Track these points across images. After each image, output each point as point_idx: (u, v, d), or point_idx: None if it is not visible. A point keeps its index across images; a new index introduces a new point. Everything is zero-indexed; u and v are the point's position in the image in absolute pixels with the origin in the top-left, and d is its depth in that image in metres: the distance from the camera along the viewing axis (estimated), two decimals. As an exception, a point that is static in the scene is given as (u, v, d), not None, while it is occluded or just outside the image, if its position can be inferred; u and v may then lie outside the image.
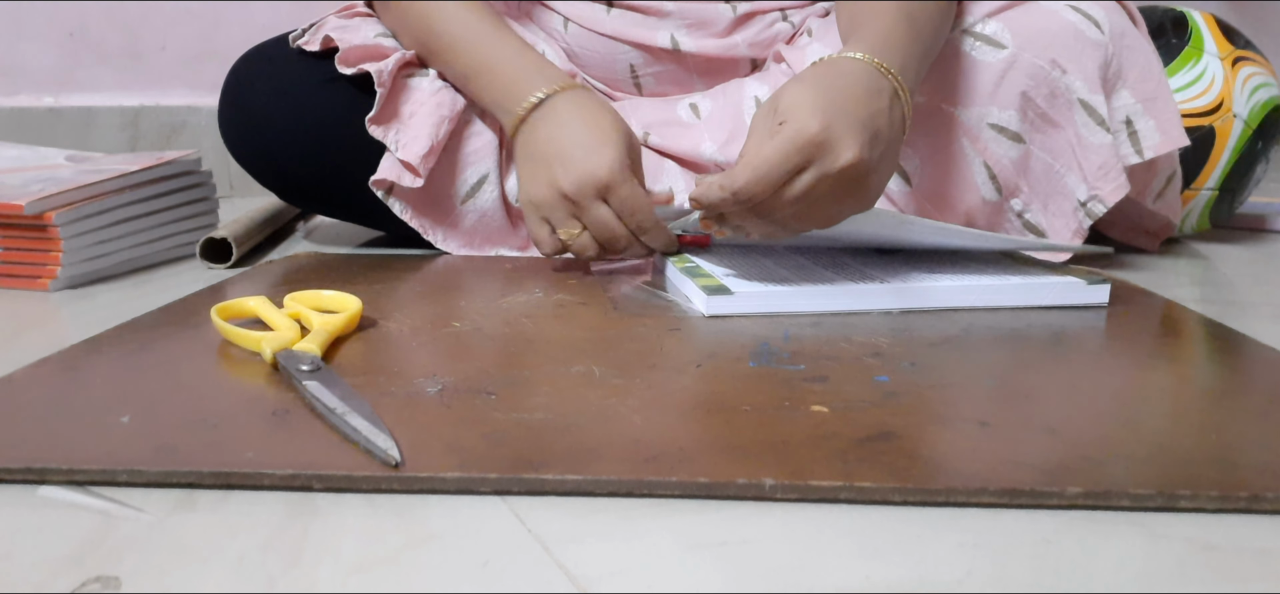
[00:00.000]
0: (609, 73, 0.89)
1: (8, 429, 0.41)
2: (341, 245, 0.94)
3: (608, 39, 0.87)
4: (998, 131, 0.78)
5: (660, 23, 0.86)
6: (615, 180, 0.70)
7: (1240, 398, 0.47)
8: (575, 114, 0.73)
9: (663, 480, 0.36)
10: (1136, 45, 0.80)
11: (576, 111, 0.73)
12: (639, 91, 0.90)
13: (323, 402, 0.42)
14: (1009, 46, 0.77)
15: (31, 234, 0.75)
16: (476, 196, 0.83)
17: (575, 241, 0.72)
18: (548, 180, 0.72)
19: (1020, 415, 0.43)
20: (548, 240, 0.74)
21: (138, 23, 1.43)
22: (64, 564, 0.32)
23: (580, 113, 0.73)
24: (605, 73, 0.89)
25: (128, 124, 1.43)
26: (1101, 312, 0.64)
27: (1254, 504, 0.35)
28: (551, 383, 0.47)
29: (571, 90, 0.75)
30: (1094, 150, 0.78)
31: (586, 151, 0.70)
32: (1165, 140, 0.79)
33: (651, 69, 0.88)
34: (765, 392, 0.46)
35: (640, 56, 0.87)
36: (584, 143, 0.71)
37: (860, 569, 0.32)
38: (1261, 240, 1.04)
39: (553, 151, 0.72)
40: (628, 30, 0.86)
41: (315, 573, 0.31)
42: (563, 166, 0.71)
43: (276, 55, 0.86)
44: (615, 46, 0.87)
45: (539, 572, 0.31)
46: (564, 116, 0.73)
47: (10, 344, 0.59)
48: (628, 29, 0.86)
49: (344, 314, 0.56)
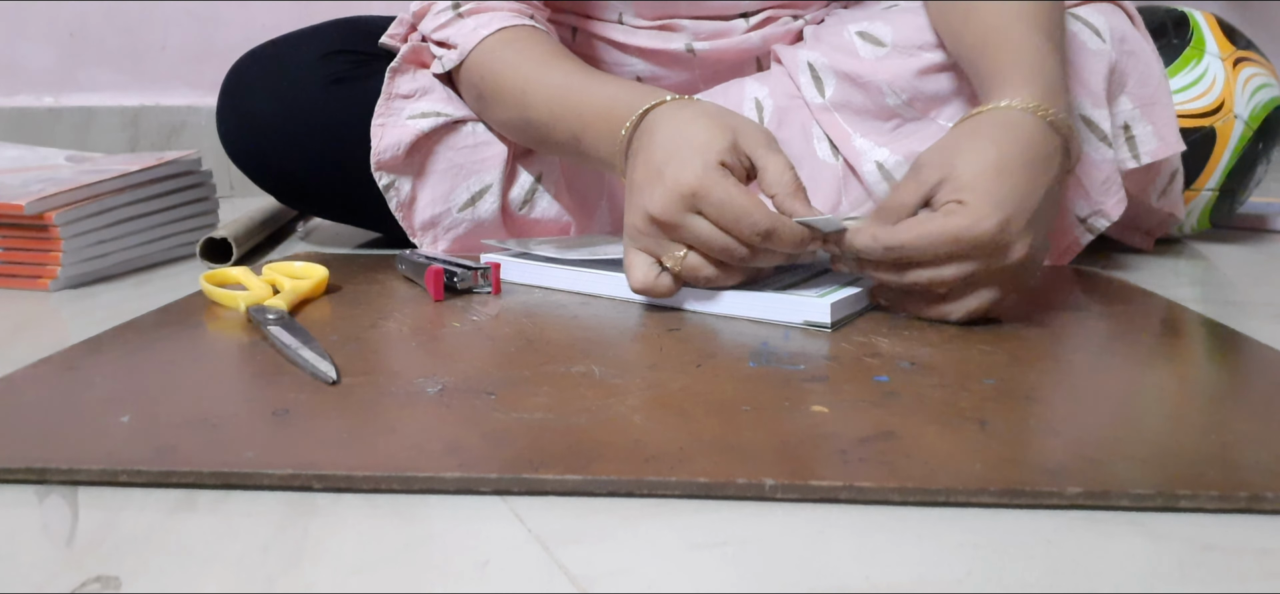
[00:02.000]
0: None
1: (8, 429, 0.41)
2: (340, 246, 0.94)
3: (616, 47, 0.87)
4: None
5: (674, 36, 0.86)
6: (704, 186, 0.57)
7: (1240, 398, 0.47)
8: (667, 125, 0.62)
9: (663, 480, 0.36)
10: (1137, 48, 0.79)
11: (668, 123, 0.63)
12: None
13: (281, 341, 0.53)
14: None
15: (31, 234, 0.75)
16: (476, 206, 0.82)
17: (683, 266, 0.60)
18: (638, 207, 0.61)
19: (1020, 415, 0.43)
20: (643, 274, 0.61)
21: (138, 23, 1.43)
22: (64, 564, 0.32)
23: (672, 123, 0.62)
24: None
25: (128, 124, 1.43)
26: (1102, 312, 0.64)
27: (1254, 504, 0.35)
28: (551, 383, 0.47)
29: (662, 106, 0.65)
30: (1096, 166, 0.77)
31: (676, 165, 0.59)
32: (1162, 146, 0.79)
33: (658, 81, 0.88)
34: (765, 392, 0.46)
35: (648, 68, 0.87)
36: (674, 156, 0.59)
37: (860, 569, 0.32)
38: (1262, 240, 1.04)
39: (642, 178, 0.61)
40: (640, 41, 0.86)
41: (315, 573, 0.31)
42: (650, 189, 0.60)
43: (275, 57, 0.86)
44: (622, 57, 0.87)
45: (539, 572, 0.31)
46: (656, 135, 0.62)
47: (10, 344, 0.59)
48: (641, 40, 0.86)
49: (310, 279, 0.67)
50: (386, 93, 0.81)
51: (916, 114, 0.79)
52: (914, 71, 0.77)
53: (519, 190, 0.84)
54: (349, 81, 0.83)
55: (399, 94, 0.81)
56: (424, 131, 0.80)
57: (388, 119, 0.80)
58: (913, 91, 0.78)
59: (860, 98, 0.80)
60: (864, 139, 0.80)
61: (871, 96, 0.79)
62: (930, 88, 0.78)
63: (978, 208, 0.54)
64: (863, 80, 0.79)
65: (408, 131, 0.80)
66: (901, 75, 0.78)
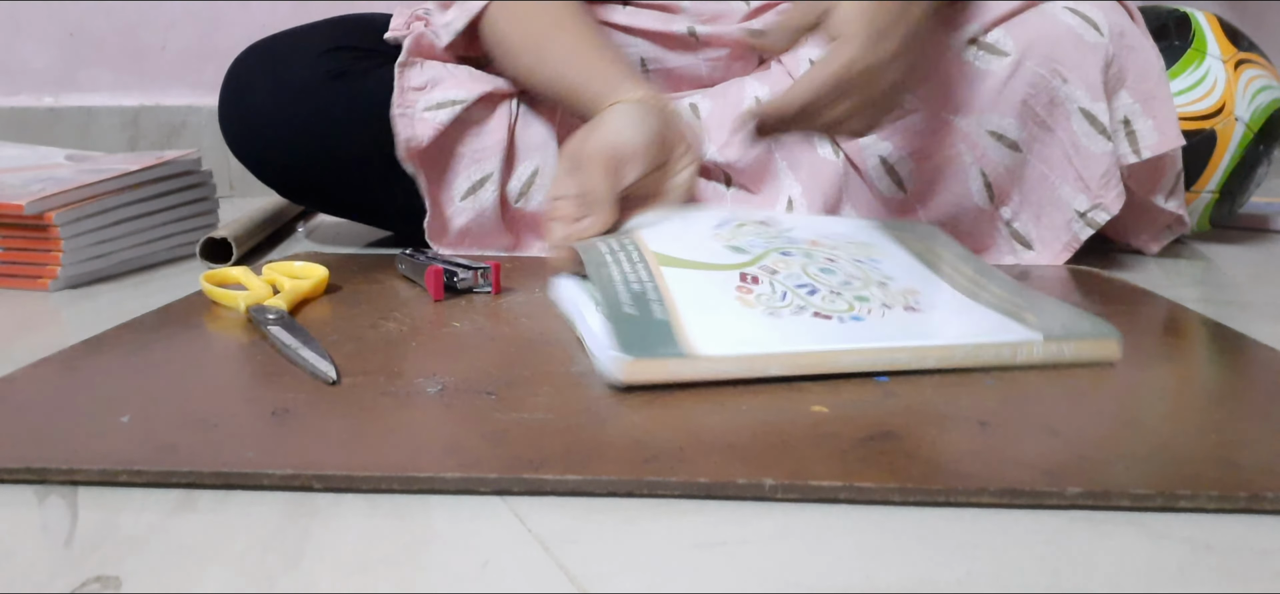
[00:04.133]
0: None
1: (8, 429, 0.41)
2: (341, 245, 0.94)
3: (620, 31, 0.87)
4: (996, 138, 0.78)
5: (676, 18, 0.86)
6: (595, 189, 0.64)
7: (1240, 398, 0.47)
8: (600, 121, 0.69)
9: (663, 480, 0.36)
10: (1136, 44, 0.79)
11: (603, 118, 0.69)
12: None
13: (282, 341, 0.52)
14: (1012, 54, 0.77)
15: (32, 234, 0.75)
16: (477, 194, 0.83)
17: None
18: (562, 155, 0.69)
19: (1020, 415, 0.43)
20: None
21: (138, 23, 1.43)
22: (64, 564, 0.32)
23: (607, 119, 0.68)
24: None
25: (128, 124, 1.43)
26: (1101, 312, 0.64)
27: (1254, 504, 0.35)
28: (551, 383, 0.47)
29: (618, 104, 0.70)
30: (1095, 159, 0.77)
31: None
32: (1163, 139, 0.79)
33: (661, 65, 0.88)
34: (765, 392, 0.46)
35: (652, 49, 0.87)
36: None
37: (860, 569, 0.32)
38: (1262, 240, 1.04)
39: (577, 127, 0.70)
40: (643, 22, 0.86)
41: (315, 573, 0.31)
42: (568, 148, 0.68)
43: (276, 51, 0.86)
44: (626, 39, 0.87)
45: (539, 572, 0.31)
46: None
47: (10, 344, 0.59)
48: (643, 21, 0.86)
49: (310, 279, 0.66)
50: (399, 87, 0.81)
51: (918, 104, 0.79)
52: None
53: (516, 182, 0.84)
54: (350, 76, 0.83)
55: (411, 87, 0.82)
56: (445, 124, 0.80)
57: (405, 112, 0.81)
58: None
59: None
60: None
61: None
62: None
63: (852, 45, 0.61)
64: None
65: (428, 126, 0.81)
66: None
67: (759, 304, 0.52)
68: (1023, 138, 0.78)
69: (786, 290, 0.54)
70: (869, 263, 0.59)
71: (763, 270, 0.56)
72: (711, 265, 0.56)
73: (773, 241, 0.61)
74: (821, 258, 0.59)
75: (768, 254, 0.58)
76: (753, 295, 0.53)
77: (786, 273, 0.56)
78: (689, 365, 0.47)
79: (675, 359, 0.47)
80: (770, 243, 0.60)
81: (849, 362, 0.48)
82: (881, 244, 0.64)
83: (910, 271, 0.60)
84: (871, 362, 0.49)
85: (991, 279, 0.60)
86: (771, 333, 0.50)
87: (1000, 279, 0.60)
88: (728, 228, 0.63)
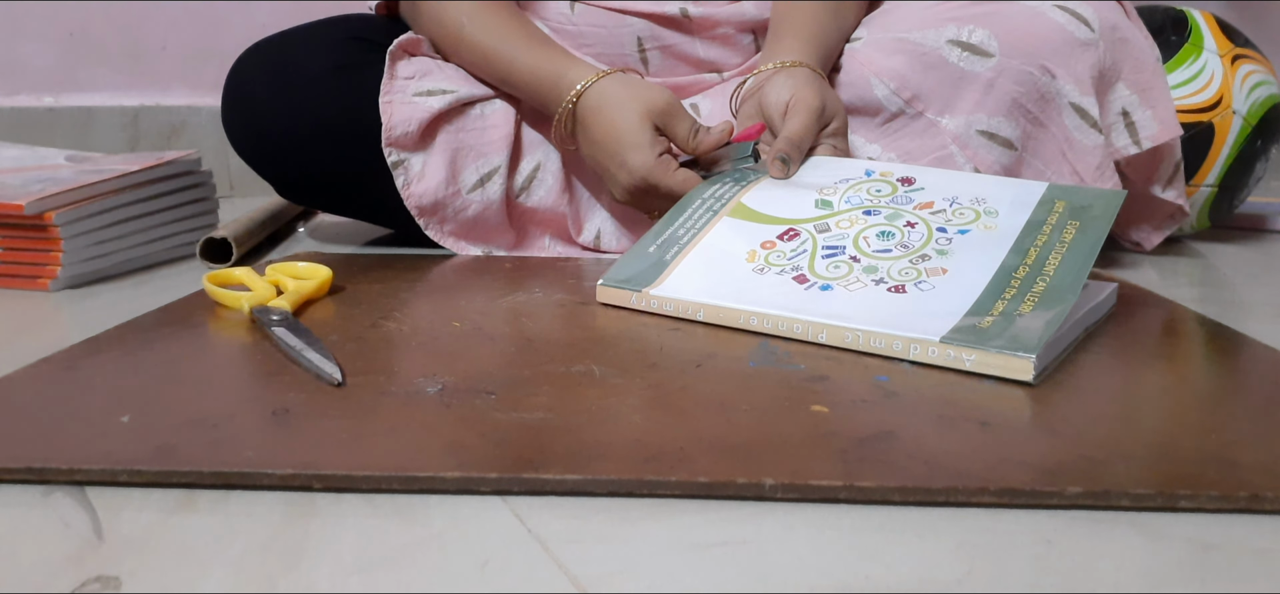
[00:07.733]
0: (616, 49, 0.89)
1: (8, 429, 0.41)
2: (341, 245, 0.94)
3: (615, 12, 0.87)
4: (989, 138, 0.79)
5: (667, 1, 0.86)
6: (654, 176, 0.75)
7: (1240, 398, 0.47)
8: (603, 116, 0.77)
9: (663, 480, 0.36)
10: (1129, 36, 0.80)
11: (602, 114, 0.77)
12: (645, 68, 0.90)
13: (286, 342, 0.52)
14: (996, 55, 0.77)
15: (32, 234, 0.75)
16: (485, 187, 0.83)
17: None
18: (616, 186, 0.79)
19: (1020, 415, 0.43)
20: None
21: (138, 23, 1.43)
22: (64, 564, 0.32)
23: (607, 113, 0.77)
24: (612, 51, 0.89)
25: (128, 124, 1.43)
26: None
27: (1254, 504, 0.35)
28: (551, 383, 0.47)
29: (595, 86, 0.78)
30: (1088, 153, 0.78)
31: (627, 156, 0.76)
32: (1162, 130, 0.80)
33: (658, 43, 0.88)
34: (765, 392, 0.46)
35: (648, 27, 0.87)
36: (620, 148, 0.76)
37: (860, 569, 0.32)
38: (1261, 240, 1.04)
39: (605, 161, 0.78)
40: (635, 4, 0.86)
41: (315, 573, 0.31)
42: (616, 175, 0.78)
43: (279, 48, 0.86)
44: (623, 20, 0.87)
45: (539, 572, 0.31)
46: (595, 126, 0.78)
47: (10, 344, 0.59)
48: (635, 4, 0.86)
49: (314, 280, 0.67)
50: (388, 73, 0.82)
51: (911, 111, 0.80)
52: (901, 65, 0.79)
53: (520, 177, 0.84)
54: (351, 70, 0.83)
55: (401, 75, 0.83)
56: (437, 110, 0.81)
57: (395, 96, 0.81)
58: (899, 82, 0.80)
59: (849, 95, 0.82)
60: (855, 136, 0.81)
61: (861, 92, 0.81)
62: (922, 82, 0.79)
63: (811, 101, 0.73)
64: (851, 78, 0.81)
65: (420, 109, 0.81)
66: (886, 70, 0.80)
67: (759, 260, 0.62)
68: (1017, 136, 0.79)
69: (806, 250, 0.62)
70: (955, 233, 0.60)
71: (814, 228, 0.64)
72: (772, 219, 0.66)
73: (873, 200, 0.66)
74: (901, 224, 0.63)
75: (848, 212, 0.65)
76: (774, 250, 0.63)
77: (836, 233, 0.63)
78: (641, 300, 0.62)
79: (634, 292, 0.62)
80: (868, 200, 0.66)
81: (757, 323, 0.57)
82: (1008, 217, 0.61)
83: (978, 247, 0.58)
84: (772, 326, 0.56)
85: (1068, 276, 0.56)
86: (730, 287, 0.60)
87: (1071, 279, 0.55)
88: (845, 185, 0.69)
